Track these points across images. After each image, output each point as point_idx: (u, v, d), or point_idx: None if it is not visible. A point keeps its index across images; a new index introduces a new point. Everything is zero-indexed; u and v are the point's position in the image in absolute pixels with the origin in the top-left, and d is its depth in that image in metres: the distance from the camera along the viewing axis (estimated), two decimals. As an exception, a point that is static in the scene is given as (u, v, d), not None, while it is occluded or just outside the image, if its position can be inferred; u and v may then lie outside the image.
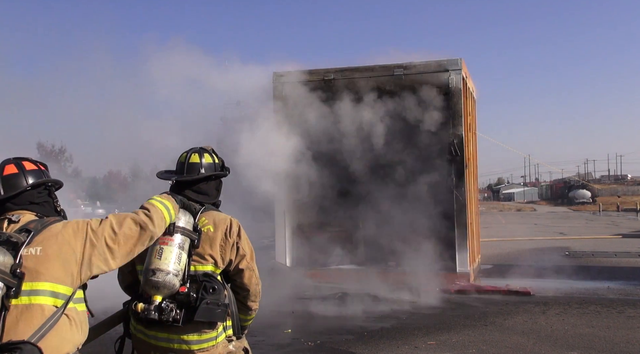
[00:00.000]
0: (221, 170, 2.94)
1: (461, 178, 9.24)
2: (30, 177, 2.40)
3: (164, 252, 2.49)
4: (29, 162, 2.47)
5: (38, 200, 2.39)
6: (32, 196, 2.38)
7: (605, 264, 11.90)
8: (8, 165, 2.40)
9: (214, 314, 2.56)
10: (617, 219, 30.95)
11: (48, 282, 2.16)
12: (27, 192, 2.37)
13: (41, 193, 2.41)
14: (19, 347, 2.00)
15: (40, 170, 2.47)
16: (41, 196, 2.41)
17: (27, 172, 2.40)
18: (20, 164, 2.42)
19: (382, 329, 6.34)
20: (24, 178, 2.38)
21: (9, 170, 2.38)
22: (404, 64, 9.55)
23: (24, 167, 2.41)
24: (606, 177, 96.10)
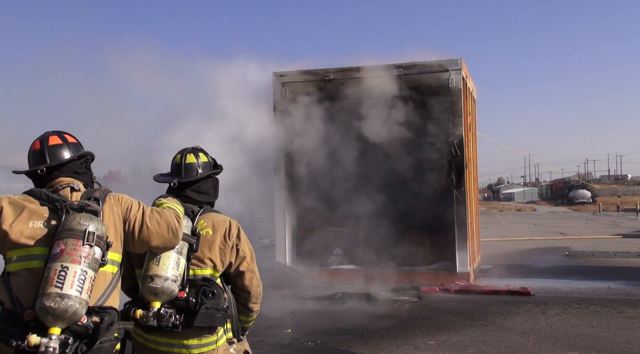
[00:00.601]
0: (214, 168, 2.94)
1: (461, 178, 9.24)
2: (72, 148, 2.58)
3: (162, 258, 2.48)
4: (69, 135, 2.66)
5: (80, 170, 2.56)
6: (76, 167, 2.54)
7: (605, 264, 11.89)
8: (52, 136, 2.58)
9: (213, 319, 2.55)
10: (617, 219, 30.94)
11: (111, 251, 2.35)
12: (72, 162, 2.53)
13: (82, 165, 2.57)
14: (108, 311, 2.24)
15: (79, 143, 2.66)
16: (82, 167, 2.57)
17: (70, 143, 2.59)
18: (63, 136, 2.61)
19: (382, 329, 6.34)
20: (68, 149, 2.56)
21: (53, 141, 2.56)
22: (404, 64, 9.54)
23: (66, 139, 2.60)
24: (606, 177, 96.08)
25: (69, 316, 2.11)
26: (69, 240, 2.21)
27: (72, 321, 2.13)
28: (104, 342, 2.23)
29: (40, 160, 2.51)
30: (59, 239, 2.21)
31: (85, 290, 2.16)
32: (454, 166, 9.25)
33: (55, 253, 2.18)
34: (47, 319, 2.10)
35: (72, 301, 2.11)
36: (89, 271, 2.18)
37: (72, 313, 2.11)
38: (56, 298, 2.10)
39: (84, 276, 2.18)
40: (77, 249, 2.19)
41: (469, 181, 9.65)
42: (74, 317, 2.12)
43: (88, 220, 2.26)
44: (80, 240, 2.21)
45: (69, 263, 2.17)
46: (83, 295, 2.15)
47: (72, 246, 2.19)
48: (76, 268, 2.17)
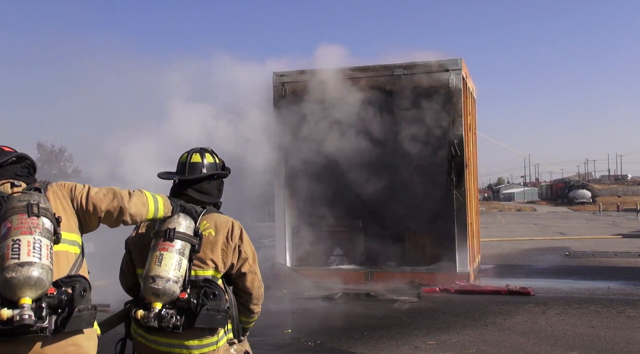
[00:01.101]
0: (222, 170, 2.93)
1: (461, 178, 9.24)
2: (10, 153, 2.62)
3: (164, 258, 2.47)
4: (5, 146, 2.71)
5: (21, 173, 2.59)
6: (17, 170, 2.58)
7: (605, 264, 11.89)
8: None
9: (214, 320, 2.54)
10: (617, 219, 30.94)
11: (64, 231, 2.38)
12: (12, 165, 2.57)
13: (24, 169, 2.60)
14: (78, 279, 2.29)
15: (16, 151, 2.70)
16: (23, 171, 2.61)
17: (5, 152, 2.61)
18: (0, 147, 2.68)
19: (382, 329, 6.34)
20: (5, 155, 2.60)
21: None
22: (404, 64, 9.55)
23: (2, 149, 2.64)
24: (606, 177, 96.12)
25: (33, 282, 2.10)
26: (13, 216, 2.22)
27: (40, 288, 2.12)
28: (83, 310, 2.23)
29: None
30: (3, 220, 2.22)
31: (44, 256, 2.16)
32: (454, 166, 9.25)
33: (4, 233, 2.18)
34: (12, 292, 2.08)
35: (33, 267, 2.10)
36: (43, 240, 2.19)
37: (37, 279, 2.10)
38: (16, 267, 2.09)
39: (39, 244, 2.17)
40: (24, 222, 2.20)
41: (469, 181, 9.65)
42: (39, 283, 2.11)
43: (28, 196, 2.30)
44: (24, 213, 2.22)
45: (19, 236, 2.17)
46: (43, 260, 2.15)
47: (18, 221, 2.20)
48: (28, 238, 2.17)
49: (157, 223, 2.64)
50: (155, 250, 2.51)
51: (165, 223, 2.58)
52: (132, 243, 2.79)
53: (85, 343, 2.33)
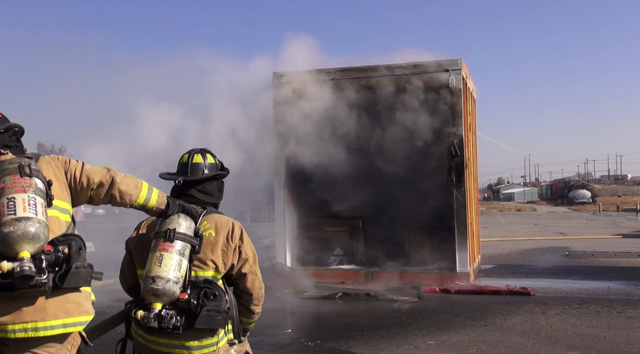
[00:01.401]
0: (221, 171, 2.94)
1: (461, 178, 9.24)
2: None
3: (164, 259, 2.47)
4: None
5: (9, 142, 2.57)
6: (4, 139, 2.55)
7: (605, 264, 11.89)
8: None
9: (214, 321, 2.54)
10: (617, 219, 30.95)
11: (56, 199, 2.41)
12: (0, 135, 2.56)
13: (11, 138, 2.59)
14: (74, 238, 2.34)
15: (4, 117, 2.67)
16: (11, 140, 2.59)
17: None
18: None
19: (382, 329, 6.34)
20: None
21: None
22: (404, 64, 9.54)
23: None
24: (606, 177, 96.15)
25: (31, 236, 2.13)
26: (5, 177, 2.24)
27: (37, 243, 2.15)
28: (80, 268, 2.27)
29: None
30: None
31: (40, 213, 2.18)
32: (454, 166, 9.25)
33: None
34: (11, 247, 2.12)
35: (30, 221, 2.13)
36: (37, 198, 2.22)
37: (34, 233, 2.13)
38: (13, 222, 2.12)
39: (34, 201, 2.19)
40: (17, 181, 2.22)
41: (469, 181, 9.65)
42: (37, 237, 2.14)
43: (18, 159, 2.33)
44: (16, 174, 2.24)
45: (14, 194, 2.19)
46: (39, 216, 2.17)
47: (12, 181, 2.23)
48: (23, 196, 2.19)
49: (158, 223, 2.64)
50: (155, 251, 2.51)
51: (165, 224, 2.58)
52: (133, 243, 2.80)
53: (84, 302, 2.37)
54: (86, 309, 2.38)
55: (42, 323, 2.25)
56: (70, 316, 2.30)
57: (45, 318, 2.25)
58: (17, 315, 2.22)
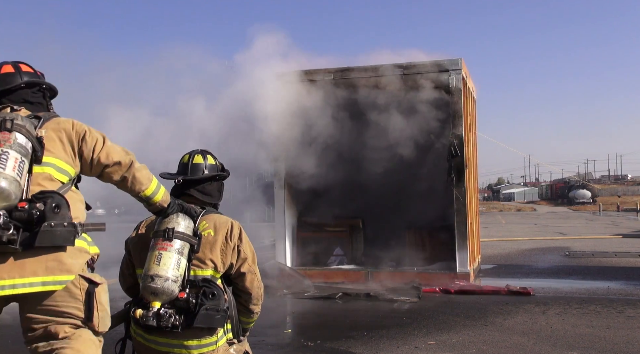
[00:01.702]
0: (222, 171, 2.96)
1: (461, 178, 9.24)
2: (26, 77, 2.55)
3: (163, 258, 2.48)
4: (25, 64, 2.62)
5: (32, 99, 2.52)
6: (27, 95, 2.50)
7: (605, 264, 11.89)
8: (5, 65, 2.56)
9: (213, 320, 2.55)
10: (617, 219, 30.95)
11: (55, 158, 2.37)
12: (22, 90, 2.50)
13: (35, 94, 2.54)
14: (51, 195, 2.24)
15: (35, 73, 2.61)
16: (35, 97, 2.54)
17: (22, 72, 2.56)
18: (17, 65, 2.58)
19: (382, 329, 6.34)
20: (19, 77, 2.53)
21: (5, 69, 2.55)
22: (404, 64, 9.54)
23: (20, 68, 2.57)
24: (606, 177, 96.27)
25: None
26: None
27: (3, 197, 2.10)
28: (56, 226, 2.18)
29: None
30: None
31: (9, 168, 2.13)
32: (454, 166, 9.24)
33: None
34: None
35: None
36: (10, 152, 2.16)
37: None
38: None
39: (6, 156, 2.14)
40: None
41: (469, 181, 9.65)
42: (3, 192, 2.09)
43: (7, 113, 2.29)
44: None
45: None
46: (8, 171, 2.11)
47: None
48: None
49: (157, 223, 2.64)
50: (154, 250, 2.52)
51: (164, 223, 2.59)
52: (132, 243, 2.80)
53: (68, 260, 2.28)
54: (68, 267, 2.28)
55: (20, 280, 2.18)
56: (51, 274, 2.23)
57: (24, 274, 2.19)
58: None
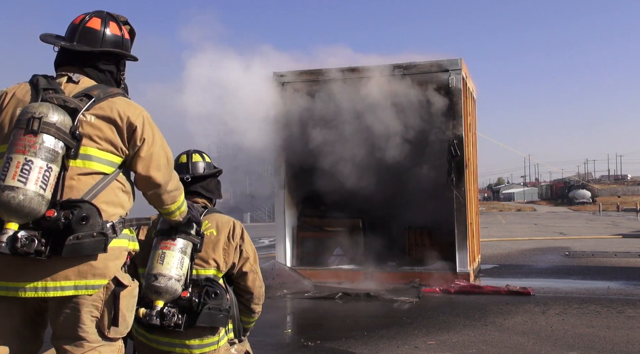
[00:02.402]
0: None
1: (461, 178, 9.24)
2: (108, 43, 2.32)
3: (166, 257, 2.49)
4: (115, 24, 2.37)
5: (103, 66, 2.33)
6: (98, 60, 2.31)
7: (605, 264, 11.89)
8: (95, 18, 2.34)
9: (215, 319, 2.56)
10: (617, 219, 30.95)
11: (97, 148, 2.21)
12: (91, 54, 2.29)
13: (108, 62, 2.34)
14: (79, 205, 2.10)
15: (121, 37, 2.37)
16: (107, 64, 2.34)
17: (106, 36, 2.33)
18: (107, 22, 2.34)
19: (382, 329, 6.34)
20: (100, 39, 2.31)
21: (92, 24, 2.32)
22: (404, 64, 9.54)
23: (108, 25, 2.34)
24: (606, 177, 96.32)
25: (13, 208, 1.95)
26: (15, 130, 2.07)
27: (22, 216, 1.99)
28: (84, 238, 2.08)
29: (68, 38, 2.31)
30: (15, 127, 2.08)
31: (32, 181, 1.99)
32: (454, 166, 9.24)
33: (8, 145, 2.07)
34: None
35: (13, 192, 1.95)
36: (35, 161, 2.01)
37: (16, 206, 1.95)
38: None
39: (29, 167, 2.00)
40: (21, 138, 2.03)
41: (469, 181, 9.65)
42: (20, 210, 1.97)
43: (37, 107, 2.08)
44: (22, 129, 2.04)
45: (13, 154, 2.01)
46: (29, 185, 1.98)
47: (17, 137, 2.04)
48: (19, 158, 2.00)
49: (159, 222, 2.65)
50: (157, 249, 2.53)
51: (167, 222, 2.59)
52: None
53: (101, 263, 2.20)
54: (102, 272, 2.20)
55: (52, 283, 2.14)
56: (83, 279, 2.17)
57: (56, 278, 2.14)
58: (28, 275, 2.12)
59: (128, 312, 2.30)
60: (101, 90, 2.26)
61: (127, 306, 2.29)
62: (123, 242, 2.29)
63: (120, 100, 2.28)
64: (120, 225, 2.26)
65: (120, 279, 2.27)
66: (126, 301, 2.28)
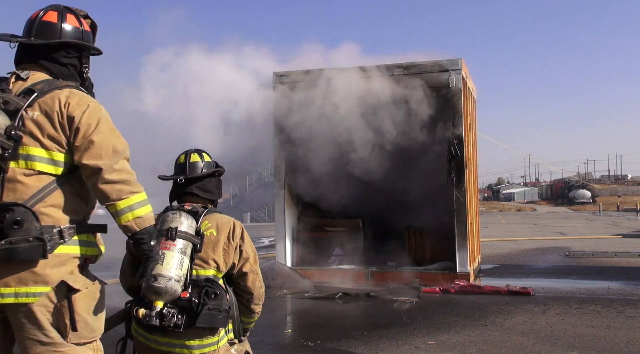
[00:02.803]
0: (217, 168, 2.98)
1: (461, 178, 9.24)
2: (67, 32, 2.22)
3: (166, 257, 2.48)
4: (74, 16, 2.26)
5: (64, 60, 2.22)
6: (59, 54, 2.21)
7: (605, 264, 11.89)
8: (52, 12, 2.23)
9: (215, 320, 2.55)
10: (617, 219, 30.95)
11: (40, 148, 2.10)
12: (47, 46, 2.18)
13: (70, 54, 2.23)
14: (12, 209, 2.00)
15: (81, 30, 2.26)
16: (69, 57, 2.23)
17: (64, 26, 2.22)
18: (64, 15, 2.24)
19: (382, 329, 6.34)
20: (59, 31, 2.20)
21: (49, 17, 2.21)
22: (404, 64, 9.54)
23: (65, 18, 2.23)
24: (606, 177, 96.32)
25: None
26: None
27: None
28: (18, 243, 1.99)
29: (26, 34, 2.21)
30: None
31: None
32: (454, 166, 9.24)
33: None
34: None
35: None
36: None
37: None
38: None
39: None
40: None
41: (469, 181, 9.65)
42: None
43: None
44: None
45: None
46: None
47: None
48: None
49: (159, 222, 2.64)
50: (156, 249, 2.52)
51: (166, 223, 2.59)
52: (133, 242, 2.80)
53: (44, 270, 2.11)
54: (43, 279, 2.10)
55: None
56: (23, 286, 2.08)
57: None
58: None
59: (89, 315, 2.20)
60: (46, 83, 2.16)
61: (87, 309, 2.19)
62: (72, 249, 2.19)
63: (65, 92, 2.17)
64: (72, 230, 2.16)
65: (71, 283, 2.16)
66: (84, 304, 2.18)
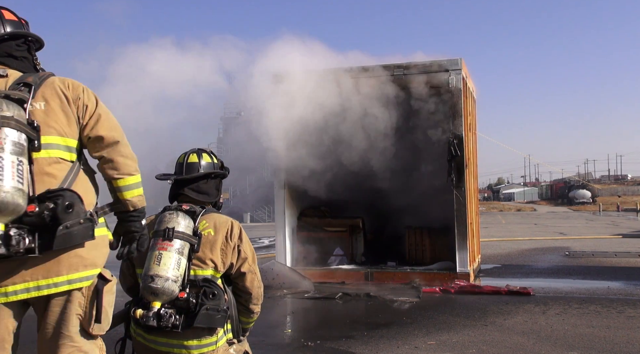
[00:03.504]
0: (221, 170, 2.95)
1: (461, 178, 9.23)
2: (9, 26, 2.25)
3: (163, 258, 2.48)
4: (8, 11, 2.31)
5: (17, 53, 2.24)
6: (11, 48, 2.23)
7: (605, 264, 11.88)
8: None
9: (213, 320, 2.55)
10: (617, 219, 30.95)
11: (59, 135, 2.14)
12: (5, 43, 2.21)
13: (20, 47, 2.26)
14: (60, 194, 2.02)
15: (20, 22, 2.31)
16: (20, 50, 2.26)
17: (5, 20, 2.26)
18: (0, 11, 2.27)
19: (382, 329, 6.34)
20: (1, 26, 2.23)
21: None
22: (404, 64, 9.53)
23: (2, 15, 2.27)
24: (606, 177, 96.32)
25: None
26: None
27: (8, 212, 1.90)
28: (72, 226, 2.02)
29: None
30: None
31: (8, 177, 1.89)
32: (454, 166, 9.24)
33: None
34: None
35: None
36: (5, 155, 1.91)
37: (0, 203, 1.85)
38: None
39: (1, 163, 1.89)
40: None
41: (469, 181, 9.65)
42: (7, 207, 1.87)
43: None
44: None
45: None
46: (7, 182, 1.88)
47: None
48: None
49: (156, 222, 2.64)
50: (154, 250, 2.52)
51: (164, 223, 2.59)
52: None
53: (90, 253, 2.17)
54: (92, 261, 2.17)
55: (45, 281, 2.08)
56: (75, 271, 2.13)
57: (47, 275, 2.09)
58: (18, 276, 2.05)
59: (110, 308, 2.30)
60: (34, 76, 2.19)
61: (109, 302, 2.29)
62: (104, 230, 2.27)
63: (58, 79, 2.23)
64: (100, 212, 2.23)
65: (103, 273, 2.26)
66: (108, 297, 2.27)
